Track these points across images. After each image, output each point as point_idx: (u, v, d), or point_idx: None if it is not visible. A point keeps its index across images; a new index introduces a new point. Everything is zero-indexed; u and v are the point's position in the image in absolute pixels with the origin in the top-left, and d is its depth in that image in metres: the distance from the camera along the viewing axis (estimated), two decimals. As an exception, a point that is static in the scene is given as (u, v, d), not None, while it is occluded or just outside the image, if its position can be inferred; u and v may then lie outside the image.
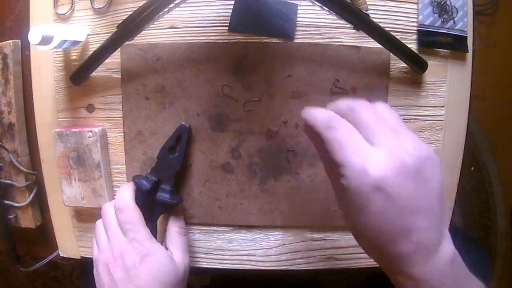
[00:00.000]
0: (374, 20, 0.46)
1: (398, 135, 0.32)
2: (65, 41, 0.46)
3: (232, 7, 0.49)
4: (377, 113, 0.34)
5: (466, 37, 0.49)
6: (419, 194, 0.30)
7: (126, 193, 0.45)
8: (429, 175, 0.31)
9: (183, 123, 0.49)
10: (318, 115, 0.34)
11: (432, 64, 0.49)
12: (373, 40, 0.46)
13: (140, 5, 0.43)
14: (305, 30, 0.49)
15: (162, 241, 0.47)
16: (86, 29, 0.50)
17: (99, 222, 0.47)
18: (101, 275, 0.43)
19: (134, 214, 0.44)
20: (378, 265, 0.35)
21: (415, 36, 0.49)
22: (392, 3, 0.49)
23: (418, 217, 0.30)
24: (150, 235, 0.44)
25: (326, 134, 0.32)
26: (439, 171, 0.32)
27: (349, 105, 0.34)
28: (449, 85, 0.50)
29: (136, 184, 0.47)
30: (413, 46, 0.49)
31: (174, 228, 0.48)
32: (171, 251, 0.46)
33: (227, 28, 0.49)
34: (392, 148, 0.31)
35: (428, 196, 0.31)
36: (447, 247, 0.32)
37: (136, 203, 0.45)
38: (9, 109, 0.54)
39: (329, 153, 0.32)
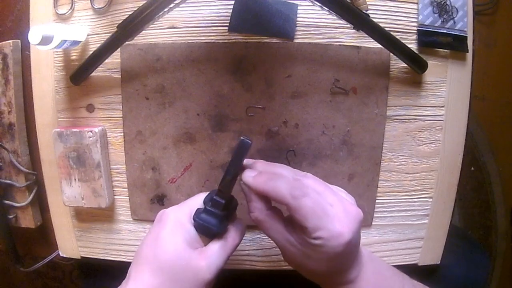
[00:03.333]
0: (374, 20, 0.46)
1: (335, 192, 0.38)
2: (65, 41, 0.46)
3: (232, 7, 0.49)
4: (313, 177, 0.38)
5: (466, 37, 0.49)
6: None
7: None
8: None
9: (244, 137, 0.38)
10: (280, 184, 0.36)
11: (432, 64, 0.49)
12: (373, 40, 0.46)
13: (140, 5, 0.43)
14: (305, 30, 0.49)
15: None
16: (86, 29, 0.50)
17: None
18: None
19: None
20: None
21: (415, 36, 0.49)
22: (392, 3, 0.49)
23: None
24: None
25: (294, 203, 0.35)
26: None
27: (293, 175, 0.38)
28: (449, 85, 0.50)
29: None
30: (413, 46, 0.49)
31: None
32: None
33: (227, 28, 0.49)
34: (344, 204, 0.36)
35: None
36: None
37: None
38: (9, 109, 0.54)
39: (293, 217, 0.36)
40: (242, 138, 0.38)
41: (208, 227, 0.38)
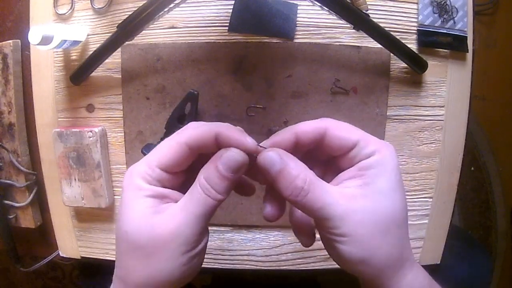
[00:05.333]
0: (374, 20, 0.46)
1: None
2: (65, 41, 0.46)
3: (232, 7, 0.49)
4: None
5: (466, 37, 0.49)
6: None
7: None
8: None
9: (192, 90, 0.46)
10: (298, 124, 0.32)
11: (432, 64, 0.49)
12: (373, 40, 0.46)
13: (140, 5, 0.43)
14: (305, 30, 0.49)
15: None
16: (86, 29, 0.50)
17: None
18: None
19: None
20: None
21: (415, 36, 0.49)
22: (392, 3, 0.49)
23: None
24: None
25: (334, 123, 0.31)
26: None
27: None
28: (449, 85, 0.50)
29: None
30: (413, 46, 0.49)
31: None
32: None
33: (227, 28, 0.49)
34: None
35: None
36: None
37: None
38: (9, 109, 0.54)
39: (337, 141, 0.31)
40: (190, 90, 0.46)
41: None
